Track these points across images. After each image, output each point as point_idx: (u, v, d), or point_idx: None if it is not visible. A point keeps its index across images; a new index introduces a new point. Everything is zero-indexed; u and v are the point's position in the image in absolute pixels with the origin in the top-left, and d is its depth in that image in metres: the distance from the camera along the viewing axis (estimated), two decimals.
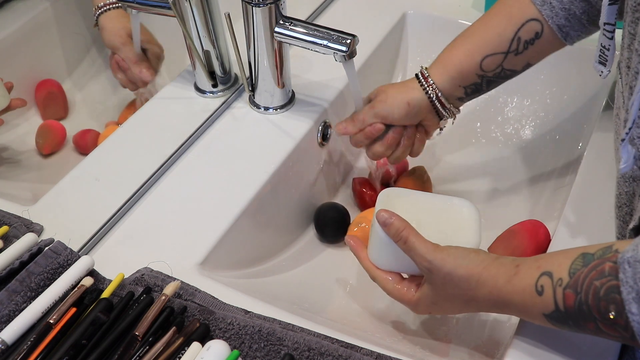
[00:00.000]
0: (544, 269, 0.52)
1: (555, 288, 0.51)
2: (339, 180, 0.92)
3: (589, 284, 0.48)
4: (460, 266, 0.57)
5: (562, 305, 0.50)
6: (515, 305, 0.55)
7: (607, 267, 0.47)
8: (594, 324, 0.49)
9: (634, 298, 0.44)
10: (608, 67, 0.65)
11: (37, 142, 0.93)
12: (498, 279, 0.55)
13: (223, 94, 0.86)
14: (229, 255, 0.71)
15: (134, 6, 0.84)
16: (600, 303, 0.47)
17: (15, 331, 0.56)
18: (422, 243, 0.60)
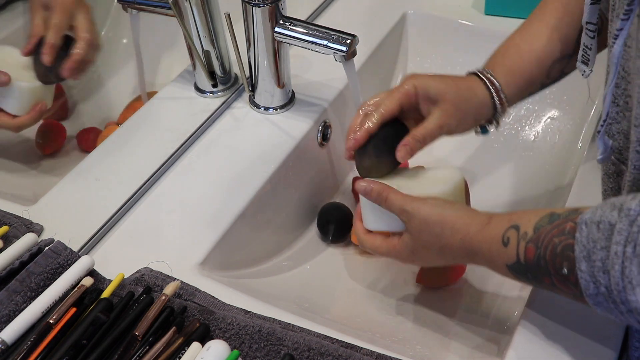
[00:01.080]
0: (513, 222, 0.55)
1: (519, 241, 0.53)
2: (339, 180, 0.92)
3: (549, 240, 0.51)
4: (434, 213, 0.60)
5: (523, 257, 0.53)
6: (483, 254, 0.57)
7: (568, 226, 0.50)
8: (549, 279, 0.51)
9: (584, 256, 0.47)
10: (590, 67, 0.66)
11: (37, 142, 0.93)
12: (470, 227, 0.58)
13: (223, 94, 0.86)
14: (229, 255, 0.71)
15: (134, 6, 0.84)
16: (556, 259, 0.50)
17: (15, 331, 0.56)
18: (401, 196, 0.62)
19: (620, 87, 0.54)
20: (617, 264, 0.44)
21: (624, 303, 0.45)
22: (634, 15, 0.50)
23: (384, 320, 0.73)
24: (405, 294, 0.76)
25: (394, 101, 0.65)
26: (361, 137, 0.65)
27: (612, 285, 0.45)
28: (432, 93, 0.66)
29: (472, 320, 0.72)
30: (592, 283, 0.46)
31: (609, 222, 0.46)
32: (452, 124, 0.67)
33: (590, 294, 0.47)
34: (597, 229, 0.46)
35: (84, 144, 0.95)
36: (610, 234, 0.45)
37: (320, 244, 0.84)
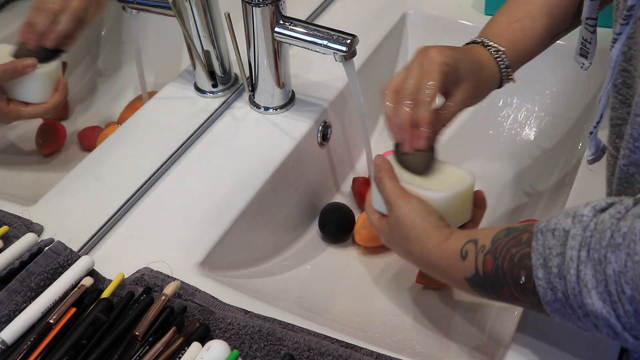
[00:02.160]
0: (471, 237, 0.56)
1: (478, 253, 0.55)
2: (339, 180, 0.92)
3: (506, 251, 0.52)
4: (408, 216, 0.61)
5: (482, 269, 0.54)
6: (442, 268, 0.59)
7: (525, 237, 0.51)
8: (508, 289, 0.52)
9: (541, 264, 0.47)
10: (589, 60, 0.67)
11: (37, 142, 0.93)
12: (430, 241, 0.60)
13: (223, 94, 0.86)
14: (229, 255, 0.71)
15: (134, 6, 0.84)
16: (513, 269, 0.51)
17: (15, 331, 0.56)
18: (392, 186, 0.64)
19: (631, 88, 0.54)
20: (573, 268, 0.45)
21: (580, 307, 0.45)
22: (633, 20, 0.50)
23: (384, 320, 0.73)
24: (405, 294, 0.76)
25: (438, 85, 0.63)
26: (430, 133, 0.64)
27: (568, 290, 0.45)
28: (460, 73, 0.65)
29: (472, 320, 0.72)
30: (549, 290, 0.47)
31: (563, 228, 0.46)
32: (470, 103, 0.68)
33: (548, 301, 0.48)
34: (552, 236, 0.47)
35: (86, 143, 0.95)
36: (565, 240, 0.46)
37: (321, 243, 0.84)
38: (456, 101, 0.66)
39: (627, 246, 0.42)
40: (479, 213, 0.69)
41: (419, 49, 0.66)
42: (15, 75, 0.80)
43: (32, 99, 0.83)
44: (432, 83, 0.63)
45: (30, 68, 0.81)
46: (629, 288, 0.42)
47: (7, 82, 0.81)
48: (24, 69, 0.80)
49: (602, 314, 0.44)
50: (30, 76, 0.82)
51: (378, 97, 0.99)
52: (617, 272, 0.42)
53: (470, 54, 0.68)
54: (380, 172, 0.66)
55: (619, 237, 0.43)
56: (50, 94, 0.84)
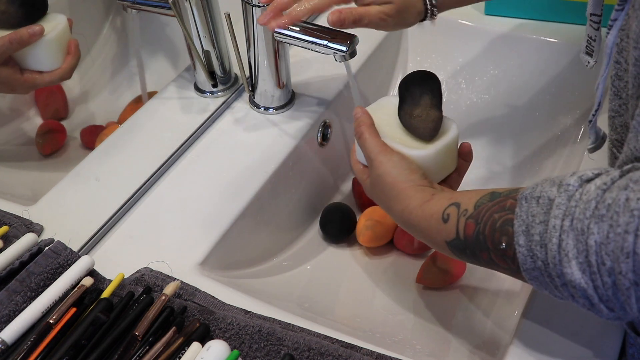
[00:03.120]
0: (454, 200, 0.56)
1: (459, 217, 0.54)
2: (339, 180, 0.92)
3: (489, 216, 0.51)
4: (389, 174, 0.61)
5: (463, 233, 0.54)
6: (422, 230, 0.58)
7: (509, 203, 0.50)
8: (487, 254, 0.52)
9: (523, 231, 0.47)
10: (594, 58, 0.66)
11: (37, 142, 0.93)
12: (411, 201, 0.59)
13: (223, 94, 0.86)
14: (229, 255, 0.71)
15: (134, 6, 0.84)
16: (495, 234, 0.50)
17: (15, 331, 0.56)
18: (373, 141, 0.63)
19: (623, 80, 0.54)
20: (555, 237, 0.45)
21: (559, 276, 0.45)
22: (628, 5, 0.50)
23: (384, 320, 0.73)
24: (405, 294, 0.76)
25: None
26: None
27: (548, 258, 0.45)
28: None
29: (472, 320, 0.72)
30: (529, 257, 0.47)
31: (548, 197, 0.46)
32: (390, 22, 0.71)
33: (527, 268, 0.48)
34: (536, 203, 0.47)
35: (89, 140, 0.95)
36: (549, 209, 0.46)
37: (321, 243, 0.84)
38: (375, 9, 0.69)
39: (610, 218, 0.42)
40: (464, 165, 0.69)
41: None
42: (23, 45, 0.76)
43: (45, 66, 0.80)
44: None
45: (36, 36, 0.76)
46: (609, 260, 0.42)
47: (15, 52, 0.77)
48: (30, 38, 0.76)
49: (580, 284, 0.44)
50: (39, 44, 0.77)
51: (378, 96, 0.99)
52: (598, 243, 0.42)
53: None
54: (360, 126, 0.65)
55: (603, 208, 0.43)
56: (63, 57, 0.81)
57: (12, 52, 0.77)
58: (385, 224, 0.80)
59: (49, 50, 0.79)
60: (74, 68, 0.82)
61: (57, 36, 0.79)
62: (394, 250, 0.82)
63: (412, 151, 0.63)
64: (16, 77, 0.79)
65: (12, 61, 0.78)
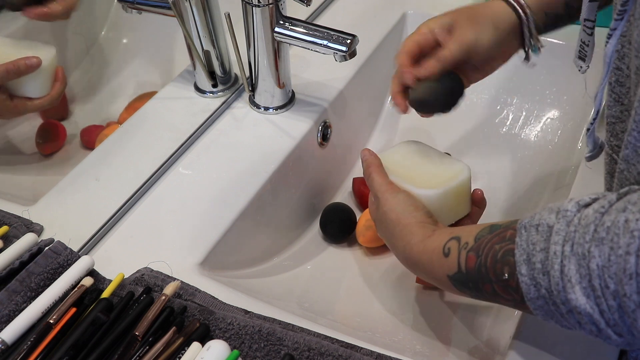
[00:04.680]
0: (455, 234, 0.56)
1: (460, 250, 0.54)
2: (339, 180, 0.92)
3: (489, 247, 0.51)
4: (394, 211, 0.62)
5: (464, 266, 0.54)
6: (423, 265, 0.58)
7: (509, 233, 0.50)
8: (490, 286, 0.52)
9: (524, 260, 0.47)
10: (587, 63, 0.66)
11: (37, 142, 0.93)
12: (413, 237, 0.60)
13: (223, 94, 0.86)
14: (229, 255, 0.71)
15: (134, 6, 0.84)
16: (496, 265, 0.50)
17: (15, 331, 0.56)
18: (380, 179, 0.65)
19: (625, 86, 0.54)
20: (556, 263, 0.44)
21: (564, 303, 0.45)
22: (627, 15, 0.50)
23: (384, 320, 0.73)
24: (405, 294, 0.76)
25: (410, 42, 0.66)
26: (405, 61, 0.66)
27: (552, 286, 0.45)
28: (445, 22, 0.66)
29: (472, 319, 0.72)
30: (532, 286, 0.47)
31: (547, 224, 0.46)
32: (470, 37, 0.66)
33: (531, 297, 0.47)
34: (536, 231, 0.47)
35: (89, 141, 0.95)
36: (548, 236, 0.46)
37: (321, 243, 0.84)
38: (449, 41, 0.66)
39: (610, 240, 0.42)
40: (477, 211, 0.69)
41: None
42: (19, 75, 0.79)
43: (35, 94, 0.83)
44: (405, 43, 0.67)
45: (33, 68, 0.80)
46: (612, 283, 0.42)
47: (11, 80, 0.80)
48: (27, 69, 0.79)
49: (585, 310, 0.43)
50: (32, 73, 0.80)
51: (378, 96, 0.99)
52: (600, 267, 0.42)
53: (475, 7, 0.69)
54: (369, 167, 0.66)
55: (603, 231, 0.42)
56: (51, 85, 0.84)
57: (7, 80, 0.79)
58: None
59: (40, 79, 0.82)
60: (61, 94, 0.85)
61: (47, 65, 0.82)
62: None
63: (419, 190, 0.64)
64: (7, 104, 0.81)
65: (2, 87, 0.80)
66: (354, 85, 0.90)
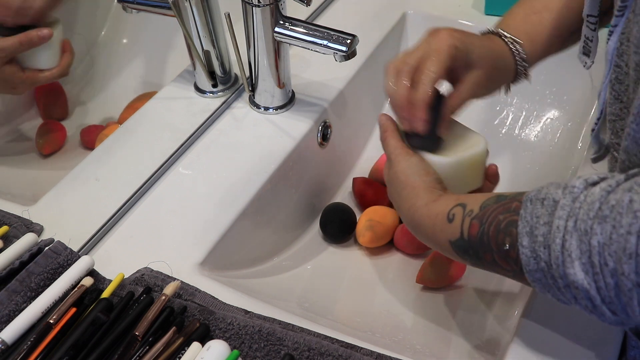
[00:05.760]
0: (460, 201, 0.56)
1: (465, 217, 0.54)
2: (339, 180, 0.92)
3: (494, 217, 0.51)
4: (403, 172, 0.62)
5: (467, 233, 0.54)
6: (426, 229, 0.58)
7: (514, 205, 0.50)
8: (491, 255, 0.52)
9: (527, 232, 0.47)
10: (591, 58, 0.66)
11: (37, 142, 0.93)
12: (418, 200, 0.60)
13: (223, 94, 0.86)
14: (229, 255, 0.71)
15: (134, 6, 0.84)
16: (499, 235, 0.50)
17: (15, 331, 0.56)
18: (395, 143, 0.64)
19: (624, 84, 0.54)
20: (558, 237, 0.45)
21: (562, 277, 0.45)
22: (628, 11, 0.50)
23: (384, 320, 0.73)
24: (405, 294, 0.76)
25: (442, 67, 0.61)
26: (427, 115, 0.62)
27: (552, 259, 0.45)
28: (472, 58, 0.63)
29: (472, 320, 0.72)
30: (532, 259, 0.47)
31: (553, 198, 0.46)
32: (482, 92, 0.67)
33: (530, 269, 0.48)
34: (541, 205, 0.47)
35: (89, 141, 0.95)
36: (553, 210, 0.46)
37: (321, 243, 0.84)
38: (466, 87, 0.64)
39: (613, 218, 0.42)
40: (489, 187, 0.68)
41: (431, 29, 0.65)
42: (32, 46, 0.81)
43: (45, 65, 0.85)
44: (434, 64, 0.61)
45: (45, 39, 0.81)
46: (611, 260, 0.42)
47: (23, 52, 0.81)
48: (40, 40, 0.81)
49: (583, 285, 0.44)
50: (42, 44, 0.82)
51: (378, 96, 0.99)
52: (601, 244, 0.42)
53: (484, 41, 0.66)
54: (385, 131, 0.66)
55: (607, 209, 0.43)
56: (60, 56, 0.86)
57: (20, 52, 0.81)
58: (385, 224, 0.80)
59: (50, 50, 0.84)
60: (70, 65, 0.87)
61: (55, 37, 0.83)
62: (394, 250, 0.82)
63: (432, 157, 0.63)
64: (19, 75, 0.83)
65: (14, 60, 0.82)
66: (354, 85, 0.90)
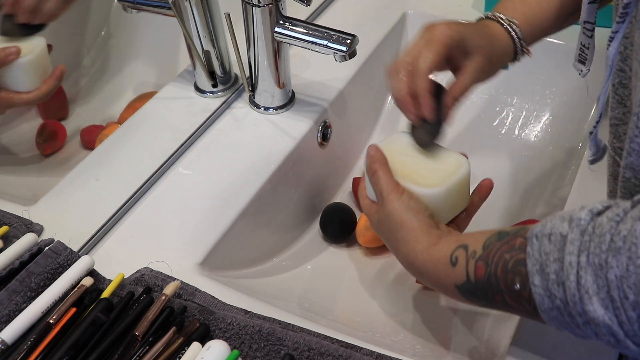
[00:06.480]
0: (461, 242, 0.55)
1: (469, 260, 0.53)
2: (339, 180, 0.92)
3: (499, 256, 0.50)
4: (398, 212, 0.60)
5: (473, 276, 0.52)
6: (429, 274, 0.57)
7: (518, 242, 0.49)
8: (501, 296, 0.50)
9: (537, 270, 0.46)
10: (587, 66, 0.66)
11: (37, 142, 0.93)
12: (417, 244, 0.58)
13: (223, 94, 0.86)
14: (229, 255, 0.71)
15: (134, 6, 0.84)
16: (507, 275, 0.49)
17: (15, 331, 0.56)
18: (386, 179, 0.62)
19: (627, 88, 0.53)
20: (572, 274, 0.43)
21: (580, 314, 0.44)
22: (629, 17, 0.49)
23: (384, 320, 0.73)
24: (405, 294, 0.76)
25: (438, 56, 0.62)
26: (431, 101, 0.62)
27: (567, 297, 0.44)
28: (469, 46, 0.64)
29: (472, 319, 0.72)
30: (546, 297, 0.45)
31: (560, 233, 0.45)
32: (483, 77, 0.67)
33: (545, 309, 0.46)
34: (548, 241, 0.45)
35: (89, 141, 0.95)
36: (562, 245, 0.44)
37: (321, 243, 0.84)
38: (466, 75, 0.64)
39: (628, 250, 0.41)
40: (476, 204, 0.67)
41: (426, 23, 0.65)
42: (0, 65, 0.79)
43: (21, 87, 0.82)
44: (430, 52, 0.62)
45: (12, 56, 0.78)
46: (632, 293, 0.40)
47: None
48: (6, 58, 0.78)
49: (604, 321, 0.42)
50: (15, 65, 0.80)
51: (378, 96, 0.99)
52: (619, 277, 0.41)
53: (480, 28, 0.67)
54: (374, 163, 0.64)
55: (619, 240, 0.41)
56: (41, 80, 0.82)
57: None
58: None
59: (26, 71, 0.81)
60: (51, 91, 0.83)
61: (35, 58, 0.81)
62: None
63: (422, 189, 0.62)
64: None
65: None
66: (354, 85, 0.90)
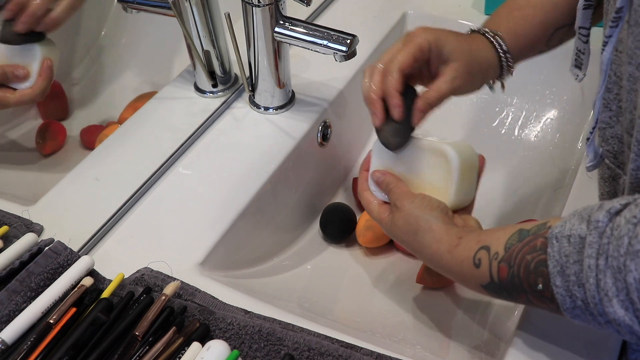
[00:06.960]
0: (483, 243, 0.55)
1: (492, 261, 0.54)
2: (339, 180, 0.92)
3: (521, 258, 0.51)
4: (412, 215, 0.61)
5: (497, 277, 0.54)
6: (454, 273, 0.59)
7: (539, 242, 0.50)
8: (525, 295, 0.52)
9: (558, 271, 0.47)
10: (583, 71, 0.66)
11: (37, 142, 0.93)
12: (440, 246, 0.59)
13: (223, 94, 0.86)
14: (229, 255, 0.71)
15: (134, 6, 0.84)
16: (530, 276, 0.50)
17: (15, 331, 0.56)
18: (400, 188, 0.64)
19: (612, 92, 0.54)
20: (592, 277, 0.44)
21: (601, 315, 0.45)
22: (622, 22, 0.50)
23: (384, 320, 0.73)
24: (405, 294, 0.76)
25: (408, 56, 0.62)
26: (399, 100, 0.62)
27: (588, 298, 0.45)
28: (446, 51, 0.63)
29: (472, 319, 0.72)
30: (568, 297, 0.47)
31: (579, 235, 0.46)
32: (462, 85, 0.65)
33: (567, 308, 0.47)
34: (568, 242, 0.46)
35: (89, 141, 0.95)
36: (581, 247, 0.45)
37: (321, 243, 0.84)
38: (443, 80, 0.63)
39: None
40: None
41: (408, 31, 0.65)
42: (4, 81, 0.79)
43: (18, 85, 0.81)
44: (401, 54, 0.62)
45: (19, 79, 0.80)
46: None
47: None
48: (14, 78, 0.80)
49: (625, 322, 0.43)
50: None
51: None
52: (637, 280, 0.42)
53: (460, 35, 0.66)
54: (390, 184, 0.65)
55: (637, 243, 0.42)
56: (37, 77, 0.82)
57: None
58: None
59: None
60: (45, 90, 0.82)
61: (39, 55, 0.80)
62: (394, 250, 0.82)
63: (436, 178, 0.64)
64: None
65: None
66: (354, 85, 0.90)
